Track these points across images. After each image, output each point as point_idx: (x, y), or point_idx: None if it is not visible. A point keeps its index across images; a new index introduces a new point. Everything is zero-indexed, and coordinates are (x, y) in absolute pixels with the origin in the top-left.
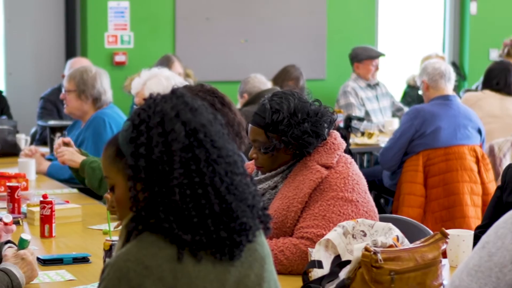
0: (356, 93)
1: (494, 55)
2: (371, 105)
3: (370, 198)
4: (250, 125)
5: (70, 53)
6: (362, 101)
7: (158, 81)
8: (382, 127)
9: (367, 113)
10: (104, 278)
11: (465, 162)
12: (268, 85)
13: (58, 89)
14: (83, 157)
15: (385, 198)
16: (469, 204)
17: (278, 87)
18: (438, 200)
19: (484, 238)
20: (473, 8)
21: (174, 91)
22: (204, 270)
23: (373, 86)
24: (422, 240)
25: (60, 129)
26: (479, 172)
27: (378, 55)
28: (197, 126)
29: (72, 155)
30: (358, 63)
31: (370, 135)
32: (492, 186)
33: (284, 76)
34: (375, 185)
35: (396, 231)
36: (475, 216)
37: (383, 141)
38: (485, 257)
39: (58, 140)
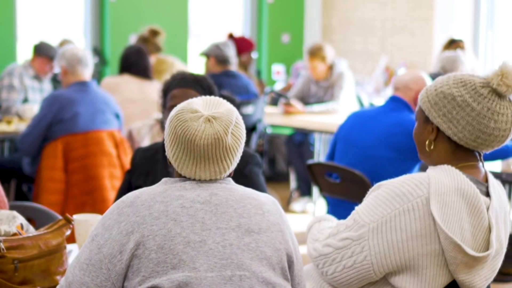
0: (21, 78)
1: (134, 40)
2: (34, 95)
3: (0, 188)
4: None
5: None
6: (26, 88)
7: None
8: (23, 112)
9: (26, 100)
10: None
11: (104, 147)
12: None
13: None
14: None
15: (28, 185)
16: (109, 188)
17: None
18: (79, 186)
19: (93, 231)
20: None
21: None
22: None
23: (42, 80)
24: (47, 226)
25: None
26: (118, 156)
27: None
28: None
29: None
30: (36, 56)
31: (9, 122)
32: None
33: None
34: (15, 172)
35: (21, 219)
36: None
37: (23, 128)
38: (95, 250)
39: None
